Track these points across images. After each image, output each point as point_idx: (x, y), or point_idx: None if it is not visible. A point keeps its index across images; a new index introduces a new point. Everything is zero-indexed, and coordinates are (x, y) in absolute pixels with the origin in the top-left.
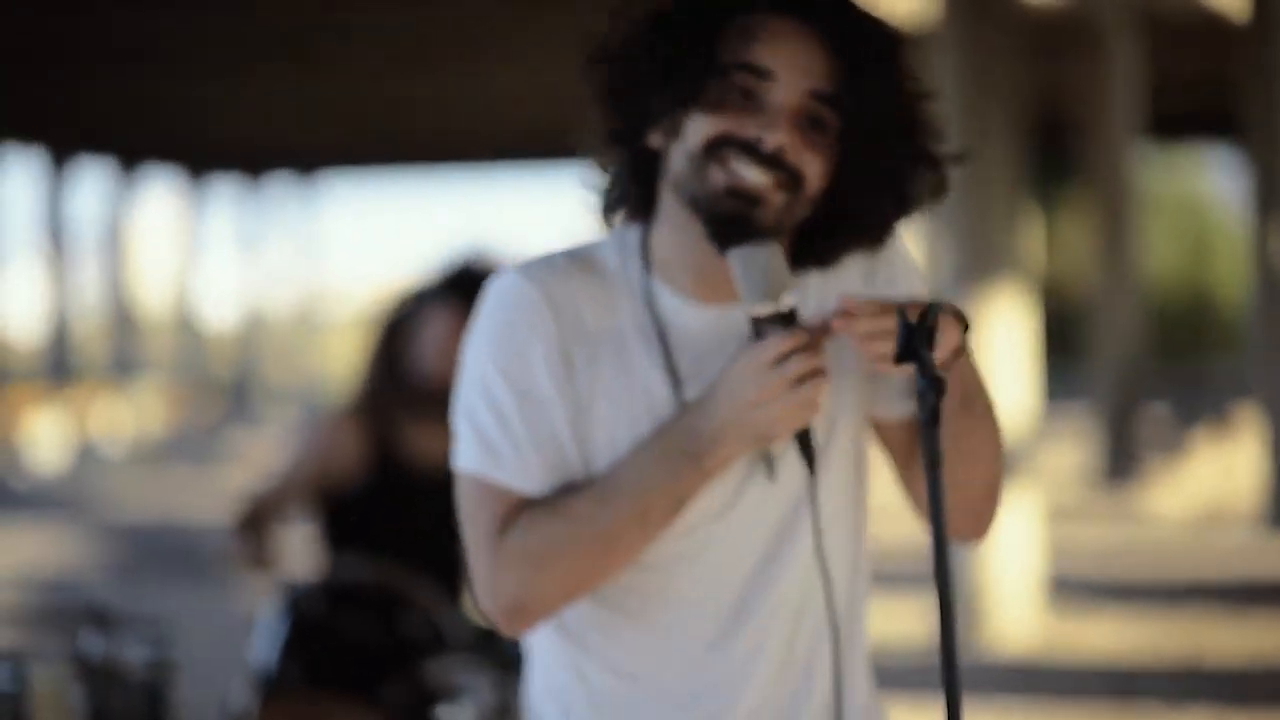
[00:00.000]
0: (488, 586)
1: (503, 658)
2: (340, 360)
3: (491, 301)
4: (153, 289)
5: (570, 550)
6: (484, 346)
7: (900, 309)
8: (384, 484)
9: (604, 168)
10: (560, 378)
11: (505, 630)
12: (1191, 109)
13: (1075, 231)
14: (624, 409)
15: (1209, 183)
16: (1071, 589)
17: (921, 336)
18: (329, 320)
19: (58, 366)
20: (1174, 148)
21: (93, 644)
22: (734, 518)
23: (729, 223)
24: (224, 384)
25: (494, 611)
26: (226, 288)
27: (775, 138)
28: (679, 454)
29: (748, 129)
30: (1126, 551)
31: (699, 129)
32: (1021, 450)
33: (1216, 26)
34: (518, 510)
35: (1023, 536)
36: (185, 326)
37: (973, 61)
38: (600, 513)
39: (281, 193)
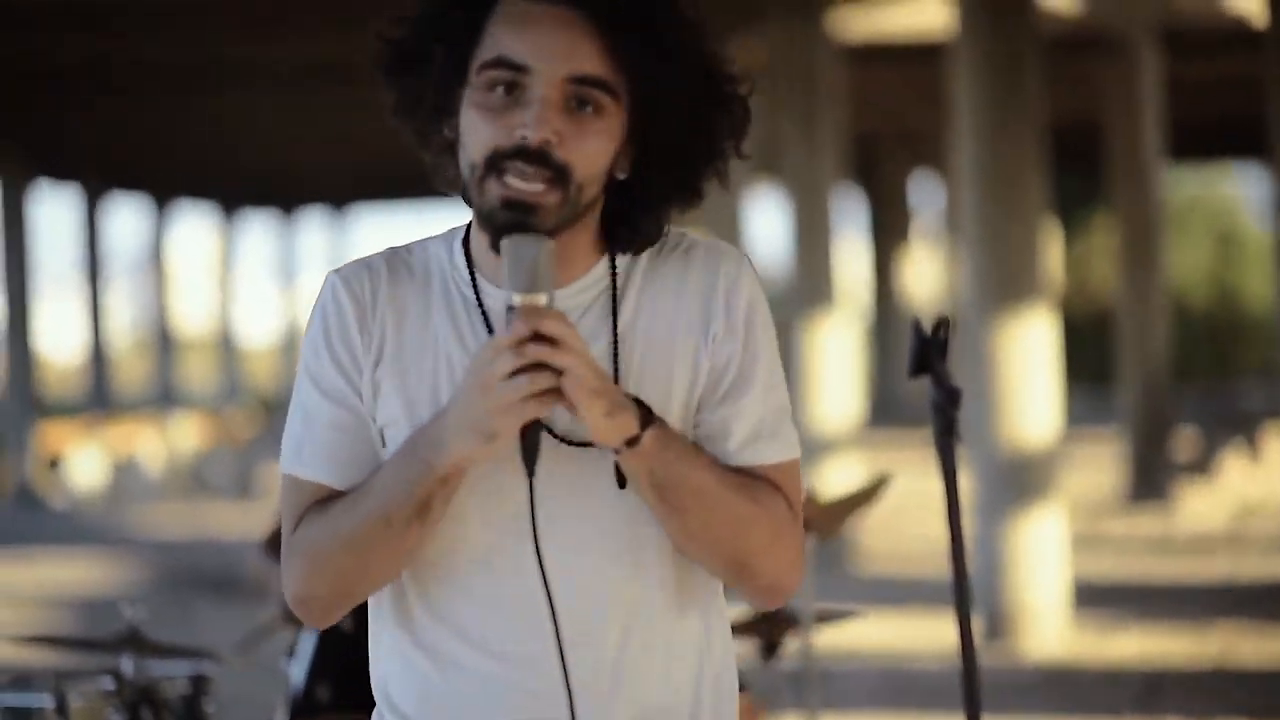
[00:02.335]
0: (282, 577)
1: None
2: None
3: (312, 307)
4: (190, 316)
5: (330, 549)
6: (303, 351)
7: (915, 322)
8: None
9: (428, 160)
10: (360, 368)
11: (308, 623)
12: (1216, 118)
13: (1100, 249)
14: (427, 389)
15: (1236, 194)
16: (1098, 603)
17: (935, 349)
18: None
19: (97, 392)
20: (1200, 159)
21: (131, 666)
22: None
23: (509, 232)
24: (262, 405)
25: (289, 602)
26: (262, 315)
27: (539, 133)
28: (415, 457)
29: (513, 131)
30: (1153, 567)
31: (472, 135)
32: (1045, 468)
33: (1238, 33)
34: (316, 504)
35: (1049, 552)
36: (223, 351)
37: (993, 77)
38: (349, 515)
39: (314, 225)
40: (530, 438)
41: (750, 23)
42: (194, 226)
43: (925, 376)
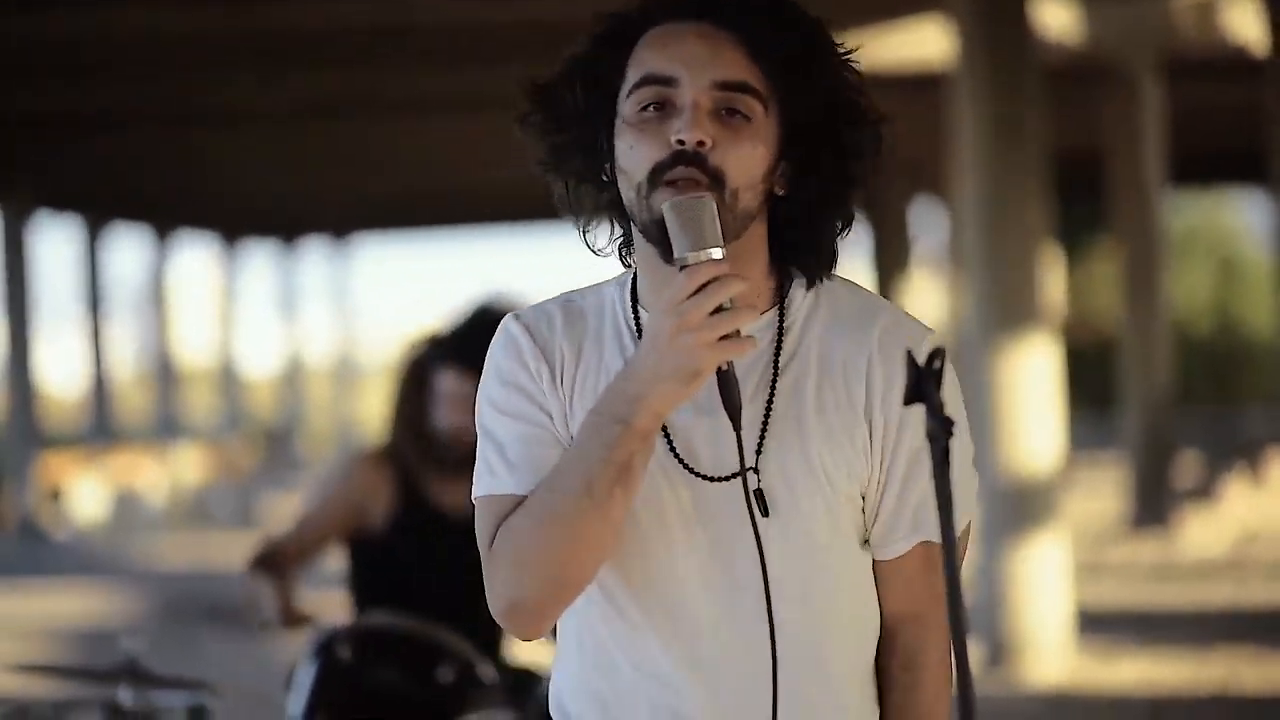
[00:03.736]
0: (488, 594)
1: (542, 708)
2: (376, 408)
3: (493, 345)
4: (191, 347)
5: (536, 541)
6: (483, 387)
7: (909, 352)
8: (413, 529)
9: (586, 215)
10: (549, 401)
11: (517, 637)
12: (1217, 146)
13: (1102, 277)
14: None
15: (1237, 222)
16: (1100, 629)
17: (929, 378)
18: (364, 371)
19: (99, 424)
20: (1201, 187)
21: (129, 697)
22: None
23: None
24: (264, 436)
25: (498, 618)
26: (265, 345)
27: (693, 134)
28: (610, 420)
29: (667, 143)
30: (1156, 593)
31: (631, 158)
32: (1047, 495)
33: (1240, 61)
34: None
35: (1051, 578)
36: (225, 381)
37: (993, 106)
38: (550, 497)
39: (316, 256)
40: (727, 376)
41: None
42: (195, 257)
43: (919, 405)
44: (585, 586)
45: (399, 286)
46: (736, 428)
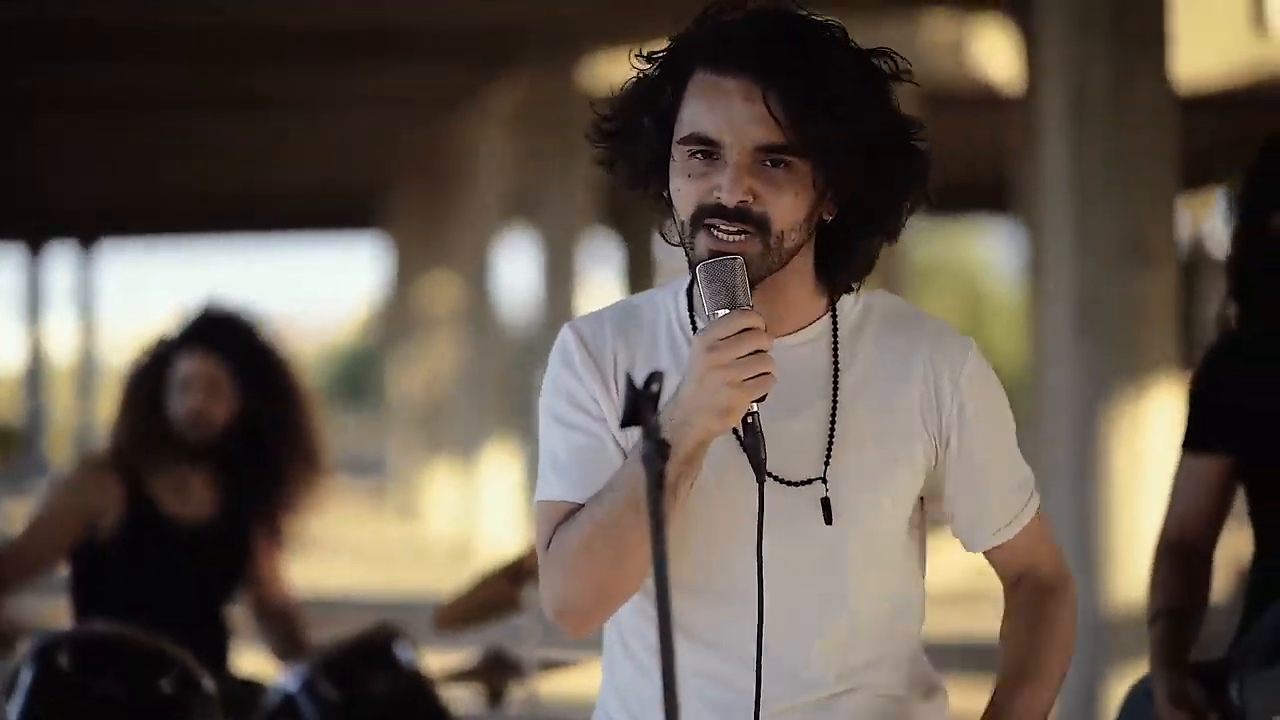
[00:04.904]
0: (541, 595)
1: (269, 715)
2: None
3: (550, 356)
4: None
5: (585, 549)
6: (542, 399)
7: (628, 375)
8: (140, 536)
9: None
10: (603, 408)
11: (568, 634)
12: (966, 179)
13: None
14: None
15: (984, 252)
16: None
17: (646, 402)
18: (107, 374)
19: None
20: (950, 218)
21: None
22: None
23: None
24: (7, 436)
25: (550, 616)
26: (9, 347)
27: (734, 195)
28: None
29: (712, 193)
30: None
31: (679, 198)
32: None
33: (990, 98)
34: (563, 520)
35: None
36: None
37: None
38: (599, 510)
39: (62, 262)
40: (751, 429)
41: (509, 67)
42: None
43: (635, 428)
44: (632, 594)
45: (145, 292)
46: (760, 479)
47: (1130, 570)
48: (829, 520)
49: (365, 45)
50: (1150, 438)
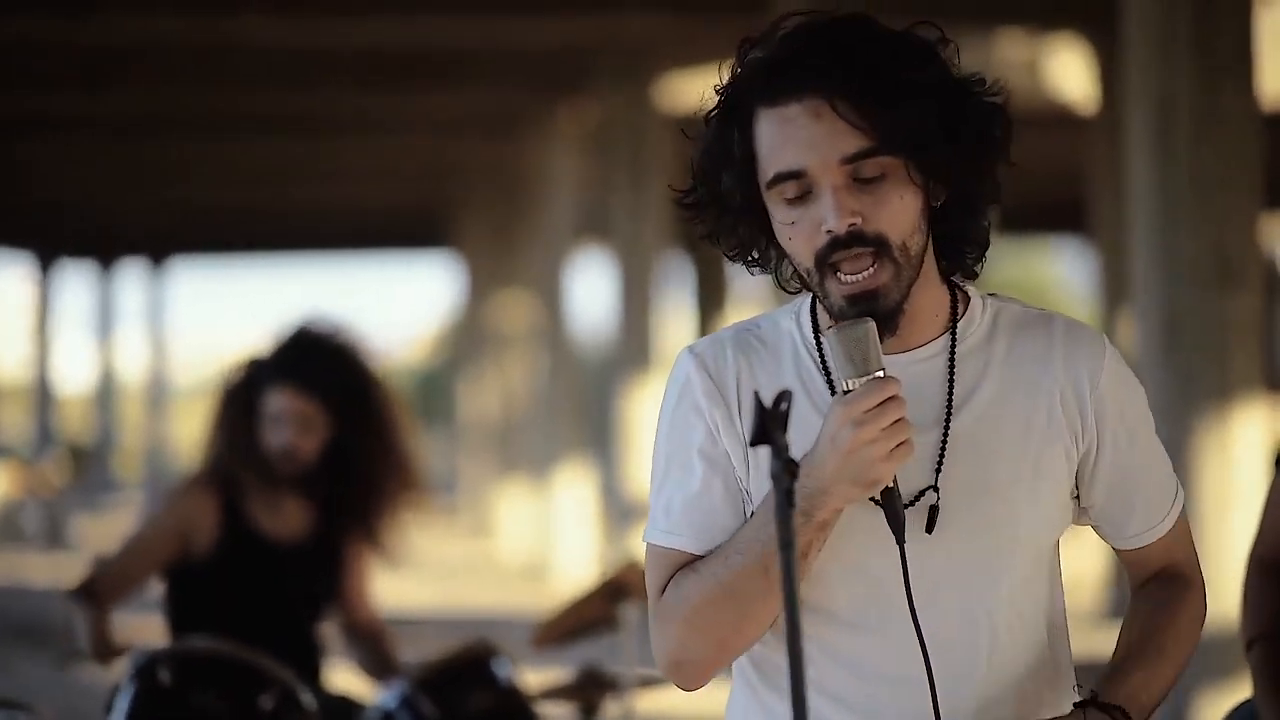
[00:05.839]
0: (653, 645)
1: None
2: (187, 429)
3: (669, 380)
4: (4, 365)
5: (706, 607)
6: (659, 428)
7: (755, 394)
8: (237, 555)
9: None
10: (724, 443)
11: (678, 686)
12: (1042, 199)
13: None
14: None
15: (1056, 272)
16: None
17: (775, 420)
18: (176, 392)
19: None
20: (1023, 238)
21: None
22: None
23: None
24: (73, 454)
25: (661, 669)
26: (80, 364)
27: (842, 221)
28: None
29: (821, 231)
30: None
31: (793, 250)
32: None
33: (1065, 118)
34: (681, 570)
35: None
36: (38, 399)
37: None
38: (724, 570)
39: (133, 276)
40: (890, 492)
41: (581, 87)
42: (9, 277)
43: (765, 447)
44: (749, 650)
45: (213, 309)
46: (899, 540)
47: (1220, 588)
48: (930, 529)
49: (437, 66)
50: (1238, 457)
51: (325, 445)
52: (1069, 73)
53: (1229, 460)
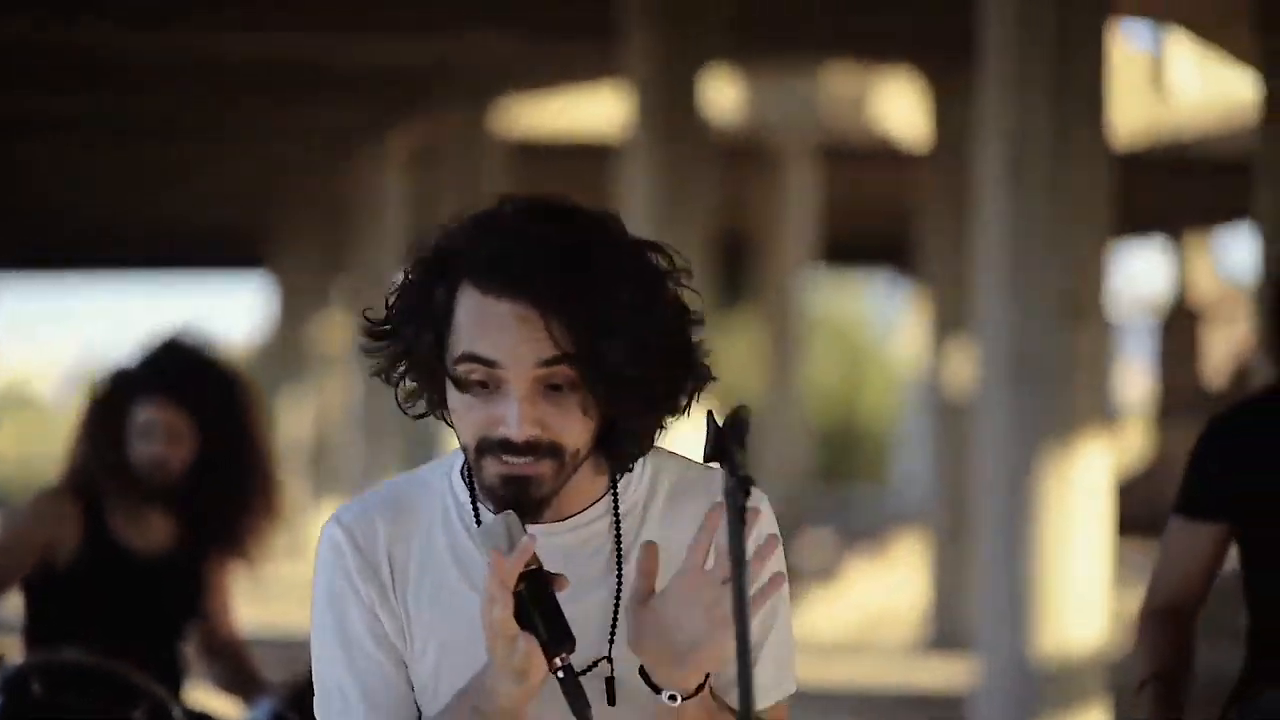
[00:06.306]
0: None
1: None
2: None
3: (318, 554)
4: None
5: None
6: (316, 602)
7: (709, 412)
8: (100, 568)
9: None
10: (380, 620)
11: None
12: (863, 233)
13: (748, 353)
14: (446, 636)
15: (870, 305)
16: None
17: (732, 436)
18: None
19: None
20: (847, 271)
21: None
22: None
23: (511, 504)
24: None
25: None
26: None
27: (522, 431)
28: (465, 707)
29: (496, 426)
30: None
31: (460, 421)
32: None
33: (894, 155)
34: None
35: None
36: None
37: (666, 178)
38: None
39: None
40: (568, 681)
41: (416, 108)
42: None
43: (719, 462)
44: None
45: (32, 324)
46: (576, 698)
47: (1059, 620)
48: (611, 701)
49: (271, 81)
50: (1081, 486)
51: (192, 459)
52: (896, 108)
53: (1071, 490)
